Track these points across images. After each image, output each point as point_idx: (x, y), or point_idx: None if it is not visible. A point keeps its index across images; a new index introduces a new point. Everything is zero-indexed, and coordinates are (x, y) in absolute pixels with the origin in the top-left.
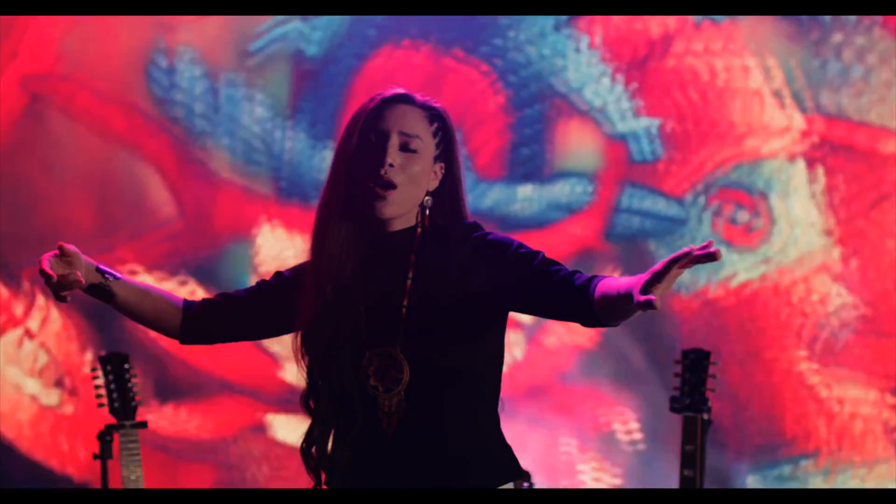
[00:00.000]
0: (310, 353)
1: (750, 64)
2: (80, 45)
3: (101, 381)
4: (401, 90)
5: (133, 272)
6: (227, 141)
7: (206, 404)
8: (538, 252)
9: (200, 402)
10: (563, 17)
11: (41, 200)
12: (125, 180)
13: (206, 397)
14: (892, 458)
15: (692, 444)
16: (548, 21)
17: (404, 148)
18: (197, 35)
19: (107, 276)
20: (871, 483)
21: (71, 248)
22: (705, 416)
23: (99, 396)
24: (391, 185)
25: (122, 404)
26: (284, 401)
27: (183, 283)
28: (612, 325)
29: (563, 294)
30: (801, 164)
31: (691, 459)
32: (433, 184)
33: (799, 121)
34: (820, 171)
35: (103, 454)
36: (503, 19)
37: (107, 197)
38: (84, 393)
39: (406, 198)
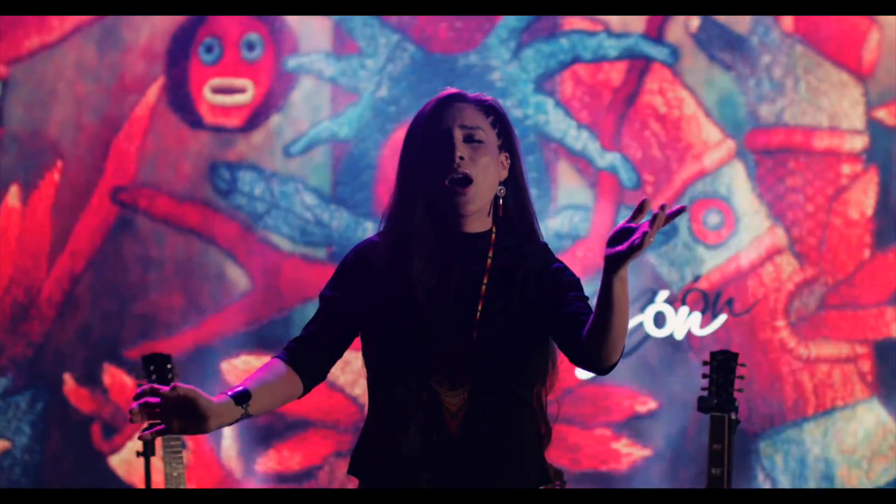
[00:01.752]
0: (379, 342)
1: (684, 95)
2: (154, 159)
3: (144, 381)
4: (452, 90)
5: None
6: (284, 224)
7: (297, 441)
8: (581, 293)
9: (293, 440)
10: (540, 81)
11: (139, 292)
12: (205, 264)
13: (296, 435)
14: (870, 396)
15: (720, 444)
16: (527, 86)
17: (469, 139)
18: (248, 146)
19: (245, 406)
20: (855, 420)
21: (191, 394)
22: (733, 416)
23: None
24: (468, 180)
25: None
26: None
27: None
28: (601, 362)
29: (565, 325)
30: (739, 167)
31: (719, 458)
32: (503, 174)
33: (735, 132)
34: (757, 169)
35: (146, 452)
36: (493, 90)
37: (192, 280)
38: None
39: (483, 190)
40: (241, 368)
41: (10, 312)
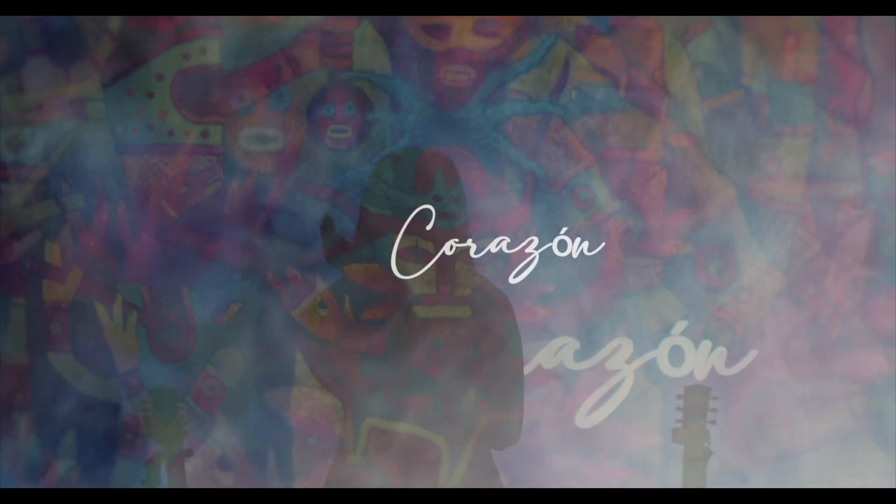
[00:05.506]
0: None
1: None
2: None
3: (151, 413)
4: None
5: None
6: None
7: None
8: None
9: None
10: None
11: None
12: None
13: None
14: (860, 430)
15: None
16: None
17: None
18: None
19: None
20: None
21: None
22: (705, 446)
23: (149, 426)
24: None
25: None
26: None
27: None
28: None
29: None
30: (740, 214)
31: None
32: None
33: (737, 181)
34: (756, 216)
35: (151, 482)
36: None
37: None
38: None
39: None
40: None
41: None
